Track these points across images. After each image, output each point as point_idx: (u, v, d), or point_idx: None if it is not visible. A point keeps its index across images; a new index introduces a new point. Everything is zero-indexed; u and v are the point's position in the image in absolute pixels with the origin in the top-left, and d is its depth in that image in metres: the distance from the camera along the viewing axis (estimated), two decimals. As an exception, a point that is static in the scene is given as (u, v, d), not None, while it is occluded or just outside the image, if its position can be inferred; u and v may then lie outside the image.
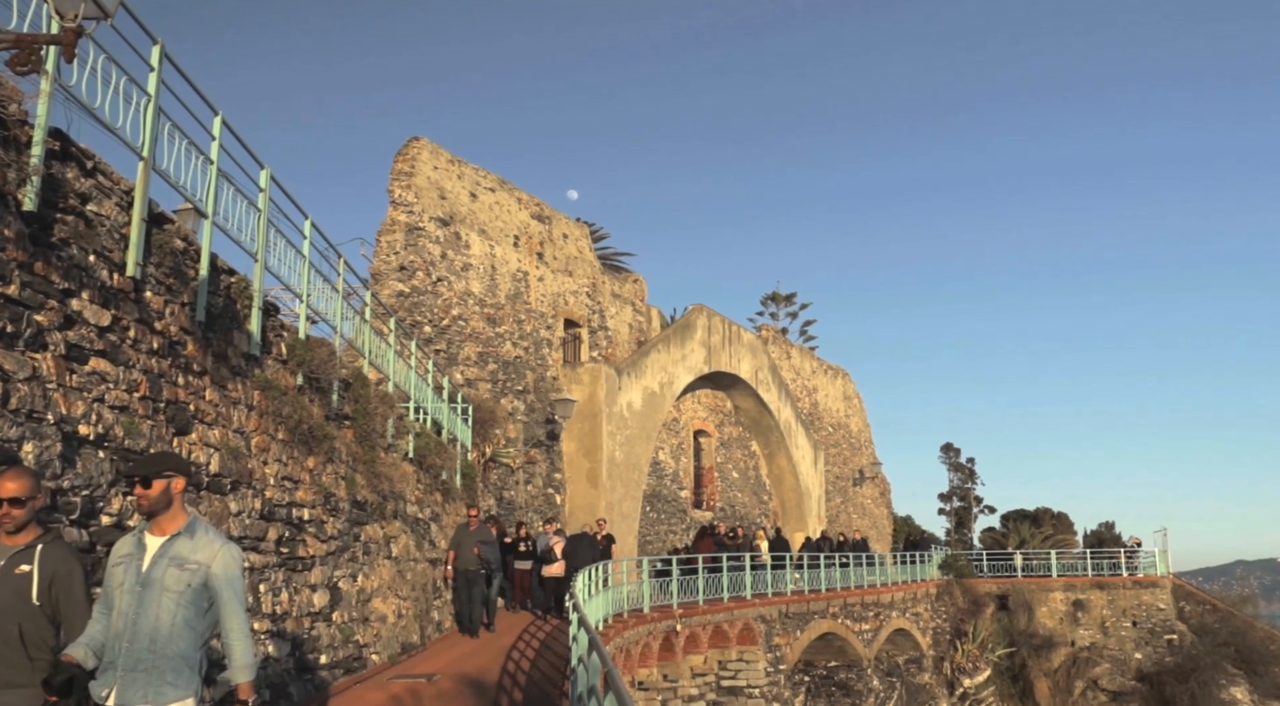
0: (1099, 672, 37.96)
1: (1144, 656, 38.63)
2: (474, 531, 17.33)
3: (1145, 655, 38.63)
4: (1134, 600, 39.76)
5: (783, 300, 61.18)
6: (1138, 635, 39.21)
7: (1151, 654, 38.59)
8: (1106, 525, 56.23)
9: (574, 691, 8.51)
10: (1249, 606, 44.13)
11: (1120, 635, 39.33)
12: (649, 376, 32.73)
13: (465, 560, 17.01)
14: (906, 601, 36.05)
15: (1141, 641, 39.03)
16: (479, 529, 17.52)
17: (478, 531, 17.40)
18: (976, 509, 64.96)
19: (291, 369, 11.49)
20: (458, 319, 26.21)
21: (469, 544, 17.09)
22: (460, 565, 17.06)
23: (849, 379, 53.23)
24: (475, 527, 17.43)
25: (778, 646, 25.46)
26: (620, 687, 4.77)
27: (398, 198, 25.30)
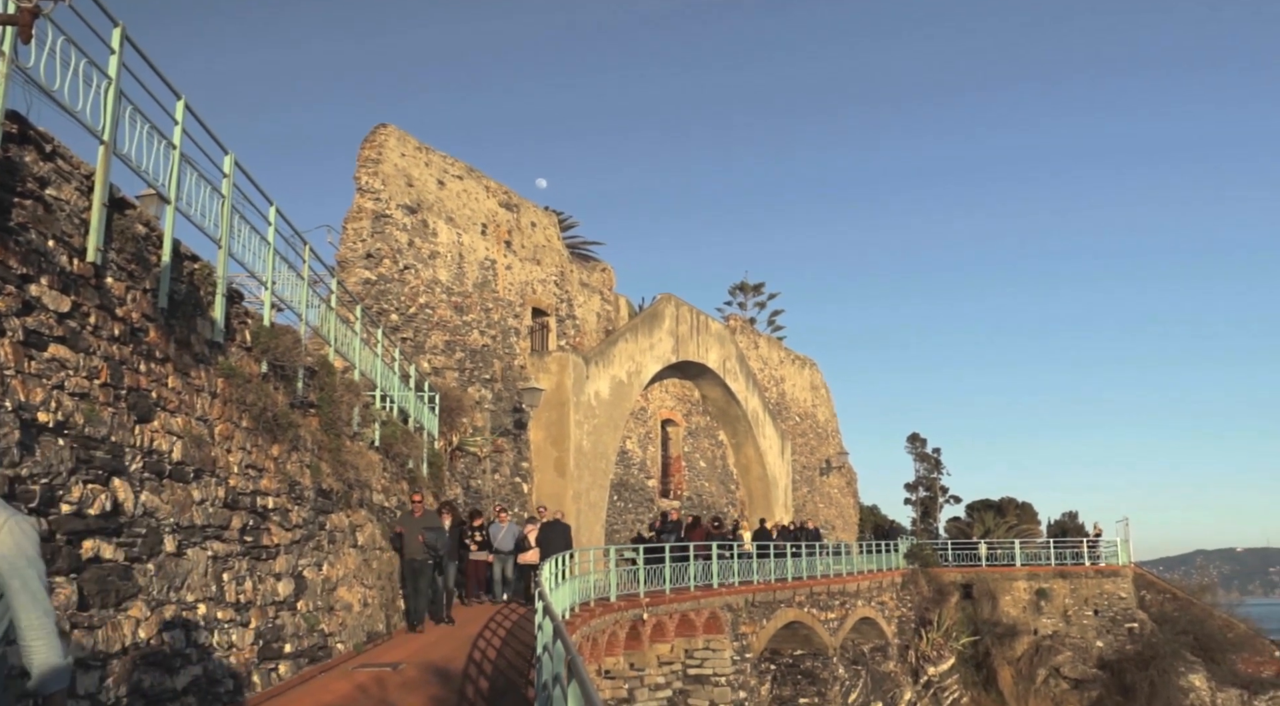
0: (1061, 660, 38.39)
1: (1105, 644, 39.09)
2: (420, 518, 16.38)
3: (1106, 643, 39.11)
4: (1096, 589, 40.21)
5: (751, 290, 61.26)
6: (1099, 623, 39.67)
7: (1113, 642, 39.07)
8: (1070, 515, 56.87)
9: (539, 679, 8.51)
10: (1208, 595, 44.79)
11: (1082, 623, 39.78)
12: (617, 365, 32.72)
13: (411, 549, 16.16)
14: (872, 590, 36.28)
15: (1103, 629, 39.50)
16: (425, 515, 16.60)
17: (424, 518, 16.48)
18: (942, 498, 65.41)
19: (256, 356, 11.41)
20: (425, 307, 26.09)
21: (415, 531, 16.18)
22: (406, 554, 16.18)
23: (816, 369, 53.42)
24: (420, 513, 16.49)
25: (744, 635, 25.55)
26: (583, 674, 4.77)
27: (364, 185, 25.13)
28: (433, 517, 16.85)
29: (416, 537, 16.03)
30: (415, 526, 16.15)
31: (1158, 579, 44.98)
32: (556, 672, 6.51)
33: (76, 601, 7.42)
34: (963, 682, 38.29)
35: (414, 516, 16.34)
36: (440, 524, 17.04)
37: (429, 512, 16.88)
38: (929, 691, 37.08)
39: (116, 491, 8.06)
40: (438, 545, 16.36)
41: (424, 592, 16.30)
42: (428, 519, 16.50)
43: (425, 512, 16.60)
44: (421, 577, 16.21)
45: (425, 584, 16.33)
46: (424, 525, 16.20)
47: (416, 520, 16.25)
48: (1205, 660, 38.51)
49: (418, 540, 16.03)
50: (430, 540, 16.15)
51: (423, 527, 16.14)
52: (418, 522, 16.20)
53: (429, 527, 16.30)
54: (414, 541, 16.03)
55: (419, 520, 16.26)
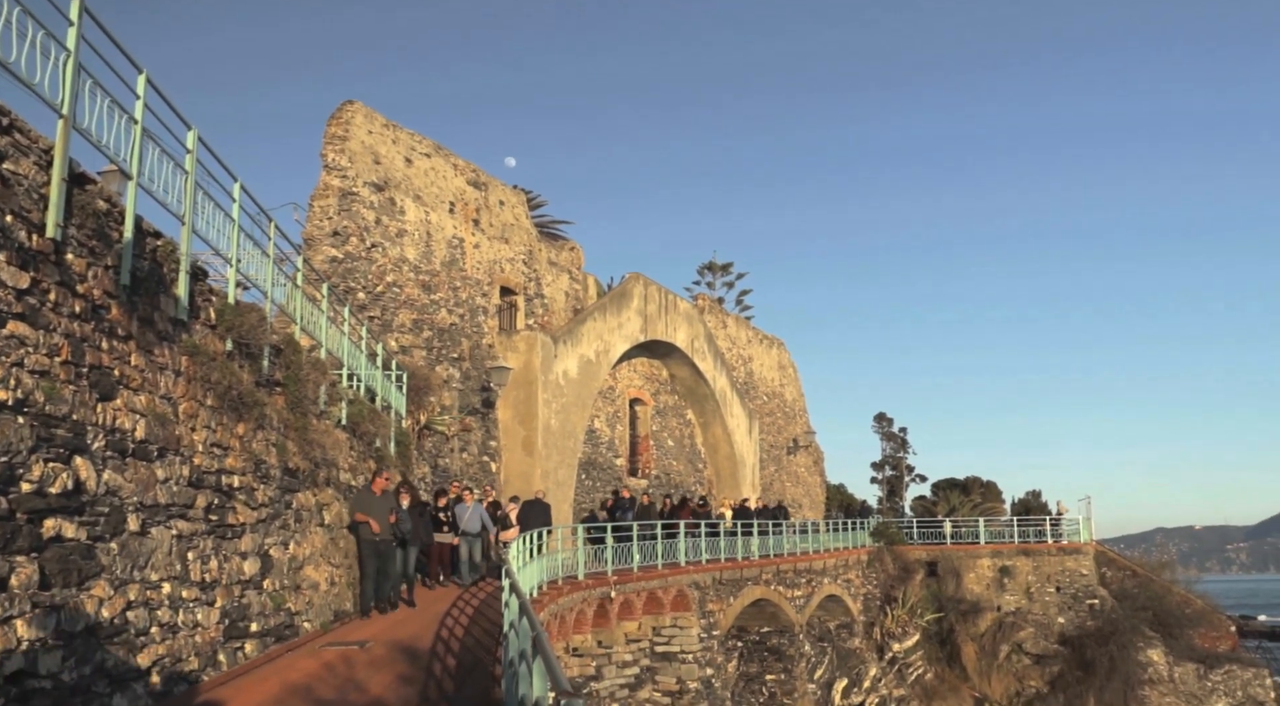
0: (1023, 636, 38.84)
1: (1067, 620, 39.57)
2: (381, 497, 15.57)
3: (1068, 619, 39.58)
4: (1058, 566, 40.67)
5: (719, 270, 61.36)
6: (1061, 600, 40.15)
7: (1074, 618, 39.55)
8: (1034, 494, 57.37)
9: (506, 656, 8.53)
10: (1167, 572, 45.41)
11: (1044, 600, 40.24)
12: (585, 344, 32.69)
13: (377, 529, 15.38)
14: (838, 568, 36.54)
15: (1065, 606, 39.97)
16: (386, 495, 15.79)
17: (385, 497, 15.69)
18: (908, 477, 65.89)
19: (221, 334, 11.32)
20: (392, 285, 25.96)
21: (377, 510, 15.33)
22: (366, 534, 15.27)
23: (784, 348, 53.57)
24: (381, 493, 15.67)
25: (711, 612, 25.69)
26: (547, 650, 4.78)
27: (331, 162, 24.93)
28: (392, 497, 16.12)
29: (385, 517, 15.35)
30: (377, 505, 15.43)
31: (1118, 556, 45.53)
32: (523, 649, 6.53)
33: (38, 581, 7.36)
34: (927, 658, 38.66)
35: (374, 495, 15.54)
36: (401, 504, 16.33)
37: (389, 492, 16.05)
38: (894, 667, 37.42)
39: (78, 470, 7.99)
40: (404, 527, 15.83)
41: (391, 575, 15.67)
42: (389, 498, 15.82)
43: (386, 492, 15.80)
44: (388, 560, 15.53)
45: (392, 566, 15.67)
46: (386, 505, 15.55)
47: (378, 499, 15.51)
48: (1163, 635, 39.07)
49: (388, 519, 15.38)
50: (403, 520, 15.74)
51: (389, 507, 15.56)
52: (379, 502, 15.49)
53: (393, 508, 15.72)
54: (381, 521, 15.27)
55: (380, 500, 15.54)
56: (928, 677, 38.21)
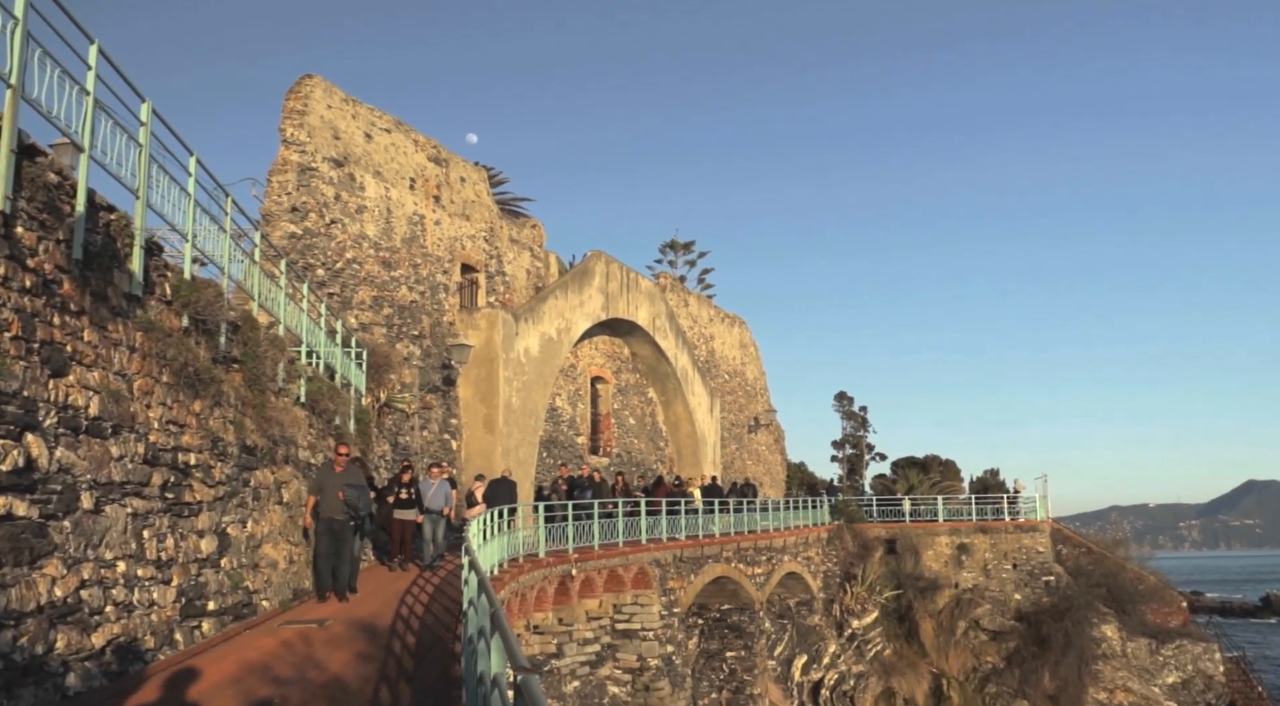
0: (980, 613, 39.29)
1: (1023, 597, 40.05)
2: (340, 474, 14.75)
3: (1024, 596, 40.06)
4: (1015, 543, 41.12)
5: (681, 248, 61.34)
6: (1017, 577, 40.62)
7: (1030, 594, 40.04)
8: (991, 472, 57.88)
9: (466, 633, 8.52)
10: (1121, 549, 46.05)
11: (1001, 577, 40.69)
12: (546, 322, 32.61)
13: (330, 507, 14.49)
14: (798, 546, 36.77)
15: (1021, 583, 40.45)
16: (347, 470, 14.93)
17: (346, 473, 14.82)
18: (868, 456, 66.32)
19: (176, 310, 11.17)
20: (352, 262, 25.74)
21: (334, 488, 14.54)
22: (324, 513, 14.48)
23: (745, 327, 53.69)
24: (343, 468, 14.85)
25: (672, 590, 25.79)
26: (505, 626, 4.77)
27: (290, 137, 24.64)
28: (356, 473, 15.23)
29: (336, 495, 14.49)
30: (336, 482, 14.62)
31: (1074, 533, 46.11)
32: (481, 626, 6.51)
33: (-11, 559, 7.26)
34: (885, 635, 39.02)
35: (334, 471, 14.81)
36: (362, 480, 15.46)
37: (351, 468, 15.22)
38: (853, 644, 37.75)
39: (30, 447, 7.88)
40: (359, 505, 14.80)
41: (346, 557, 14.73)
42: (350, 474, 14.94)
43: (348, 467, 15.00)
44: (342, 542, 14.61)
45: (346, 548, 14.74)
46: (345, 481, 14.67)
47: (337, 476, 14.73)
48: (1117, 611, 39.66)
49: (337, 498, 14.47)
50: (351, 499, 14.60)
51: (344, 484, 14.62)
52: (338, 478, 14.68)
53: (351, 484, 14.75)
54: (333, 498, 14.47)
55: (340, 476, 14.74)
56: (886, 654, 38.58)
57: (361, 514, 15.02)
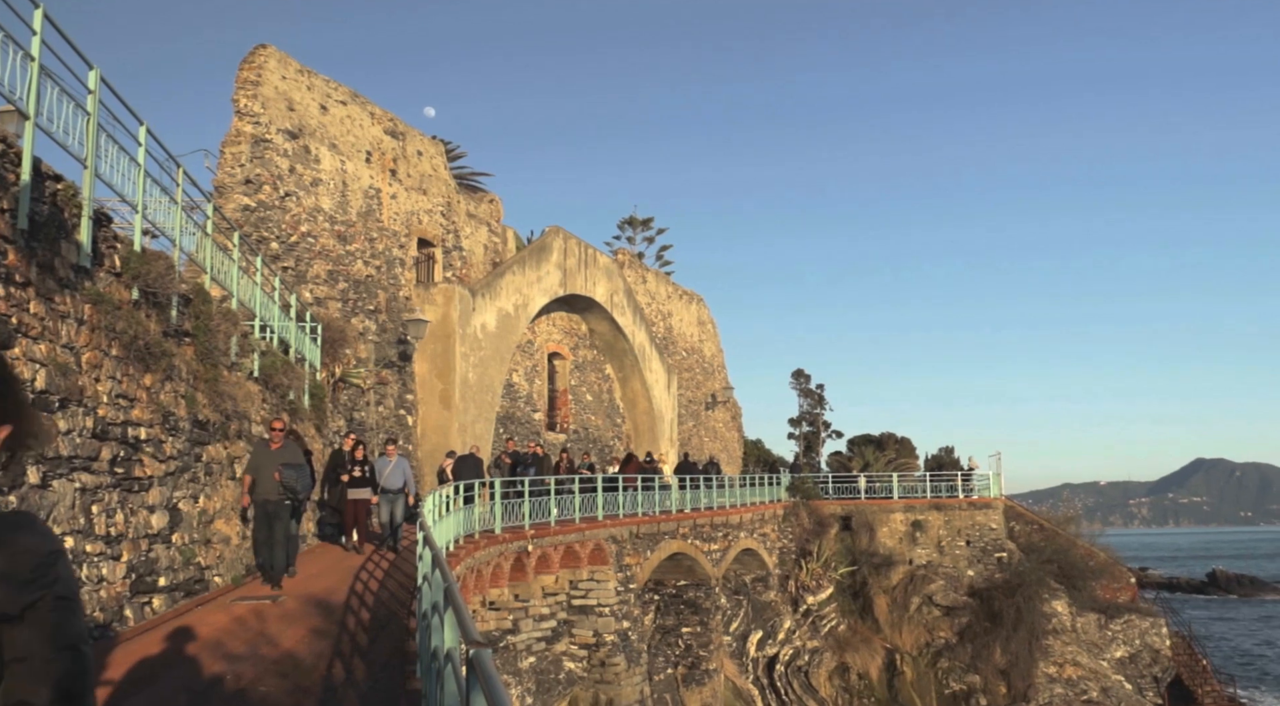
0: (934, 589, 39.69)
1: (976, 573, 40.51)
2: (277, 451, 13.71)
3: (977, 572, 40.52)
4: (968, 520, 41.56)
5: (640, 224, 61.18)
6: (971, 553, 41.07)
7: (983, 571, 40.50)
8: (946, 450, 58.33)
9: (420, 609, 8.48)
10: (1072, 526, 46.63)
11: (955, 553, 41.13)
12: (504, 298, 32.47)
13: (265, 488, 13.49)
14: (755, 522, 36.96)
15: (974, 559, 40.91)
16: (285, 447, 13.89)
17: (283, 451, 13.79)
18: (825, 433, 66.56)
19: (126, 283, 11.00)
20: (307, 236, 25.48)
21: (270, 467, 13.53)
22: (260, 495, 13.53)
23: (704, 304, 53.76)
24: (280, 445, 13.82)
25: (628, 566, 25.84)
26: (458, 601, 4.74)
27: (243, 108, 24.29)
28: (294, 451, 14.15)
29: (272, 474, 13.48)
30: (272, 461, 13.62)
31: (1026, 510, 46.63)
32: (436, 601, 6.48)
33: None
34: (840, 611, 39.36)
35: (270, 449, 13.78)
36: (301, 459, 14.31)
37: (289, 445, 14.20)
38: (808, 619, 38.06)
39: (-26, 420, 7.72)
40: (297, 486, 13.74)
41: (280, 540, 13.73)
42: (287, 452, 13.90)
43: (285, 444, 14.00)
44: (278, 523, 13.65)
45: (281, 531, 13.74)
46: (282, 460, 13.67)
47: (273, 453, 13.70)
48: (1068, 587, 40.20)
49: (273, 478, 13.47)
50: (289, 480, 13.56)
51: (280, 462, 13.61)
52: (274, 456, 13.67)
53: (288, 463, 13.69)
54: (269, 478, 13.47)
55: (276, 453, 13.71)
56: (841, 629, 38.93)
57: (300, 495, 14.06)
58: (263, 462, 13.62)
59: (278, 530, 13.62)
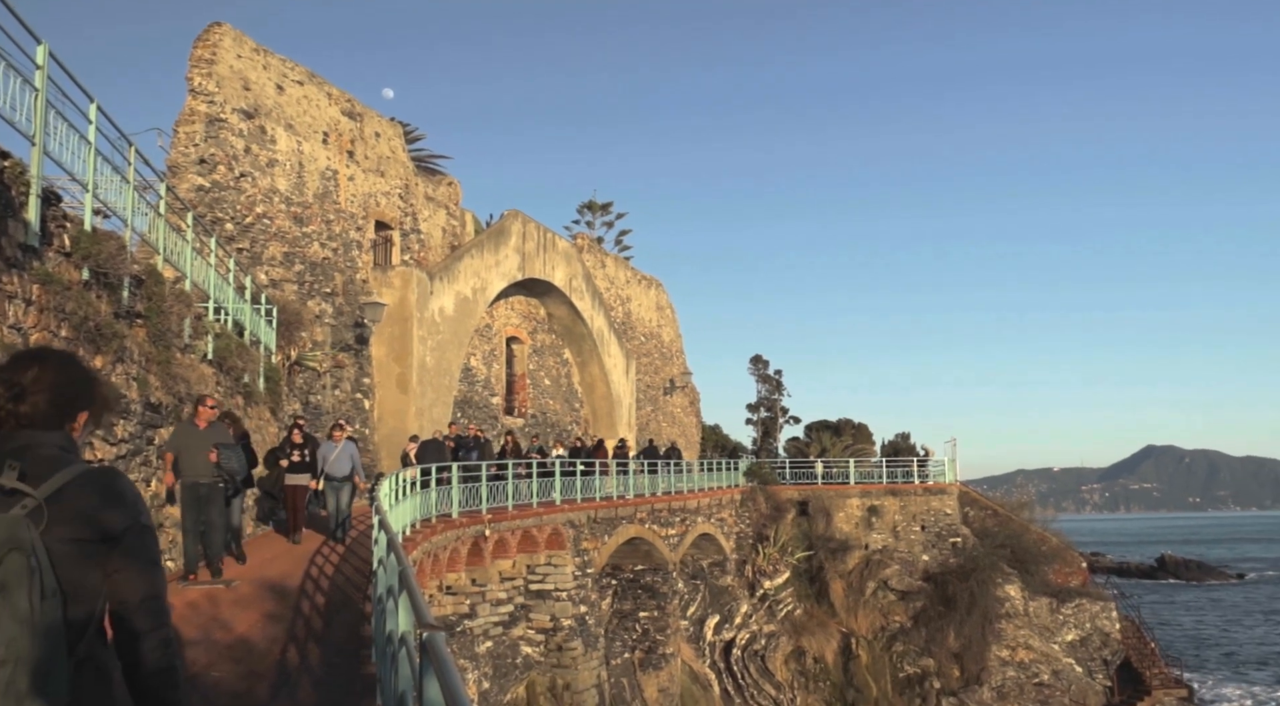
0: (889, 573, 40.03)
1: (930, 558, 40.89)
2: (204, 431, 12.55)
3: (932, 557, 40.91)
4: (924, 506, 41.92)
5: (599, 209, 61.05)
6: (926, 538, 41.45)
7: (937, 555, 40.89)
8: (903, 435, 58.78)
9: (375, 592, 8.43)
10: (1026, 511, 47.23)
11: (910, 538, 41.48)
12: (462, 281, 32.30)
13: (196, 469, 12.40)
14: (712, 507, 37.07)
15: (929, 544, 41.29)
16: (213, 428, 12.72)
17: (211, 431, 12.62)
18: (782, 419, 66.88)
19: (76, 263, 10.81)
20: (262, 217, 25.20)
21: (200, 447, 12.43)
22: (188, 477, 12.42)
23: (662, 289, 53.76)
24: (206, 425, 12.63)
25: (586, 550, 25.85)
26: (411, 584, 4.70)
27: (197, 86, 23.96)
28: (222, 431, 13.03)
29: (205, 455, 12.39)
30: (199, 441, 12.49)
31: (981, 496, 47.11)
32: (390, 585, 6.44)
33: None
34: (797, 595, 39.60)
35: (197, 428, 12.61)
36: (232, 439, 13.34)
37: (217, 424, 12.98)
38: (764, 604, 38.27)
39: (-82, 401, 7.57)
40: (233, 468, 12.79)
41: (218, 526, 12.82)
42: (215, 432, 12.75)
43: (213, 424, 12.82)
44: (210, 507, 12.63)
45: (215, 516, 12.74)
46: (212, 440, 12.57)
47: (201, 433, 12.56)
48: (1021, 571, 40.69)
49: (208, 458, 12.39)
50: (225, 460, 12.57)
51: (211, 443, 12.51)
52: (202, 436, 12.54)
53: (222, 444, 12.67)
54: (200, 459, 12.39)
55: (204, 433, 12.57)
56: (797, 613, 39.18)
57: (237, 477, 13.03)
58: (187, 443, 12.49)
59: (210, 514, 12.67)
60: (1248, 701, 51.47)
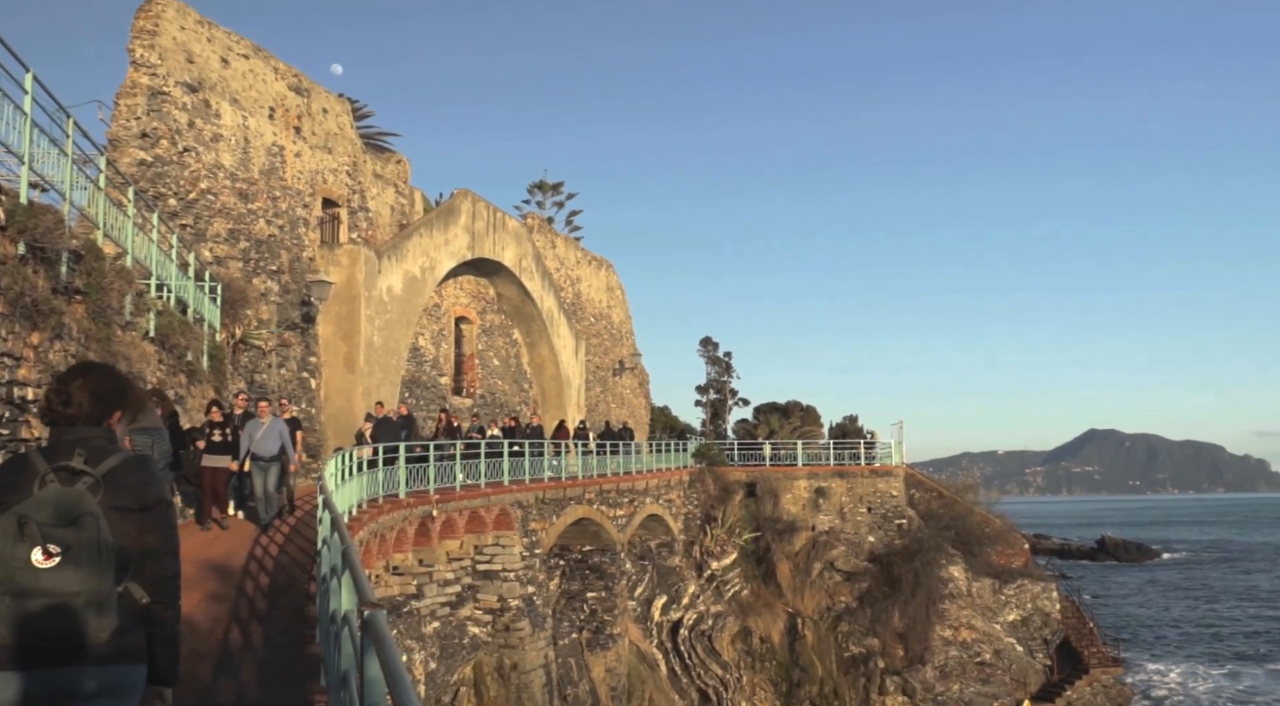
0: (835, 554, 40.38)
1: (876, 539, 41.29)
2: None
3: (878, 538, 41.31)
4: (870, 488, 42.30)
5: (549, 189, 60.81)
6: (872, 520, 41.84)
7: (883, 537, 41.30)
8: (850, 418, 59.21)
9: (320, 571, 8.35)
10: (970, 494, 47.84)
11: (856, 520, 41.86)
12: (410, 260, 32.04)
13: None
14: (661, 488, 37.16)
15: (875, 525, 41.69)
16: None
17: None
18: (731, 401, 67.09)
19: (12, 237, 10.57)
20: (206, 193, 24.80)
21: None
22: None
23: (612, 270, 53.68)
24: None
25: (534, 531, 25.82)
26: (354, 562, 4.65)
27: (139, 58, 23.49)
28: (153, 414, 11.97)
29: None
30: None
31: (926, 478, 47.63)
32: (334, 564, 6.37)
33: None
34: (744, 576, 39.84)
35: None
36: (161, 425, 12.28)
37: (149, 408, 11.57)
38: (712, 584, 38.46)
39: None
40: (153, 451, 11.32)
41: None
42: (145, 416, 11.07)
43: None
44: None
45: None
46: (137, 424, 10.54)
47: None
48: (964, 553, 41.22)
49: None
50: (140, 445, 11.12)
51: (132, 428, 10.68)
52: None
53: (144, 428, 11.39)
54: None
55: None
56: (744, 594, 39.43)
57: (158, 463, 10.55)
58: None
59: None
60: (1176, 677, 52.99)
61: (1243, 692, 50.32)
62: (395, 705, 2.79)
